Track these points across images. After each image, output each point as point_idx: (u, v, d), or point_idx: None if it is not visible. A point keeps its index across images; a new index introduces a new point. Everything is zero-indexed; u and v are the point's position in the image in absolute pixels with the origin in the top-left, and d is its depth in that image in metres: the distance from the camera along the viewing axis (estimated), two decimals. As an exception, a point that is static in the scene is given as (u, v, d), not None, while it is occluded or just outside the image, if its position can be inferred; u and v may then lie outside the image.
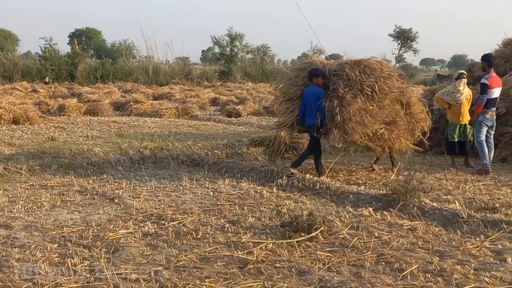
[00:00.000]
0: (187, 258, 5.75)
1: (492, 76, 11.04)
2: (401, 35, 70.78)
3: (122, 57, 49.70)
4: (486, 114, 11.01)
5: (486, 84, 10.89)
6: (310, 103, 10.16)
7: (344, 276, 5.28)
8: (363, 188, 9.21)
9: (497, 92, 10.99)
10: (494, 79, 11.02)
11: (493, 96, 10.91)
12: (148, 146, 12.61)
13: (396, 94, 10.51)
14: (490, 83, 10.88)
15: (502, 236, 6.58)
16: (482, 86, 10.95)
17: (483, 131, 11.11)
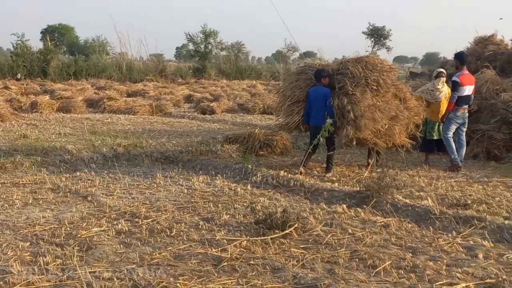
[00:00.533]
0: (161, 256, 5.73)
1: (463, 73, 11.16)
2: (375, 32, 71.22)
3: (95, 53, 49.32)
4: (457, 112, 11.15)
5: (457, 82, 11.02)
6: (316, 103, 10.43)
7: (318, 272, 5.30)
8: (337, 185, 9.28)
9: (469, 90, 11.10)
10: (466, 77, 11.14)
11: (464, 93, 11.03)
12: (122, 144, 12.53)
13: (395, 89, 10.87)
14: (461, 81, 11.01)
15: (473, 232, 6.66)
16: (453, 84, 11.09)
17: (452, 128, 11.28)
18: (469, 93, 11.14)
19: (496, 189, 9.21)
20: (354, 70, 10.41)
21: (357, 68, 10.44)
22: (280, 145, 12.61)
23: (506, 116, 11.82)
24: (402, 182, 9.25)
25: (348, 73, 10.46)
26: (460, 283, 5.02)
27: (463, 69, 11.27)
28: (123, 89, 30.73)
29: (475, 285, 5.02)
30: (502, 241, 6.38)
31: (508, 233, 6.53)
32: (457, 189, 9.16)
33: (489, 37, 16.10)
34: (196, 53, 49.58)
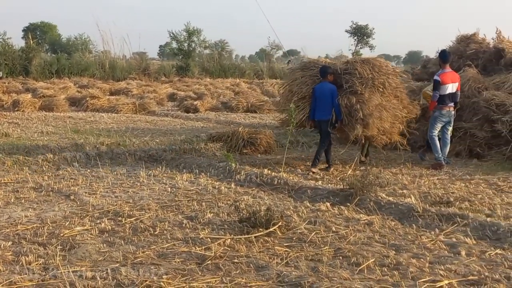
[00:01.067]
0: (144, 255, 5.70)
1: (444, 72, 11.19)
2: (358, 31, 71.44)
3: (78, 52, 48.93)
4: (442, 110, 11.19)
5: (438, 81, 11.08)
6: (323, 99, 10.65)
7: (302, 270, 5.31)
8: (320, 183, 9.30)
9: (452, 88, 11.11)
10: (447, 75, 11.16)
11: (447, 92, 11.07)
12: (105, 142, 12.48)
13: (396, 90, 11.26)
14: (442, 80, 11.05)
15: (456, 230, 6.70)
16: (434, 83, 11.18)
17: (437, 127, 11.30)
18: (452, 90, 11.15)
19: (478, 186, 9.28)
20: (363, 71, 10.75)
21: (365, 69, 10.79)
22: (263, 143, 12.62)
23: (488, 114, 11.88)
24: (385, 180, 9.32)
25: (356, 73, 10.77)
26: (443, 280, 5.04)
27: (445, 67, 11.32)
28: (106, 88, 30.59)
29: (458, 282, 5.05)
30: (484, 238, 6.43)
31: (490, 230, 6.58)
32: (439, 187, 9.21)
33: (471, 36, 16.18)
34: (179, 51, 49.35)
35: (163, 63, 52.55)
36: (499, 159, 11.48)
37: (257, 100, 23.77)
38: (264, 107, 22.96)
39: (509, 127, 11.73)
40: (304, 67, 11.58)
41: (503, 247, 6.09)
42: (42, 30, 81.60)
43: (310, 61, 11.89)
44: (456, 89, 11.25)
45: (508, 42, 15.52)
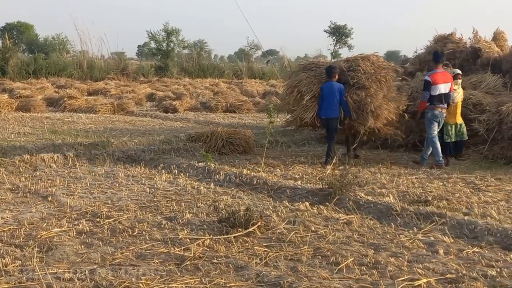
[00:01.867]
0: (123, 256, 5.67)
1: (436, 72, 11.13)
2: (336, 31, 71.63)
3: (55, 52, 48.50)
4: (435, 111, 11.12)
5: (428, 81, 11.03)
6: (331, 98, 11.27)
7: (281, 270, 5.31)
8: (299, 182, 9.30)
9: (444, 88, 11.04)
10: (438, 75, 11.10)
11: (438, 92, 11.02)
12: (83, 143, 12.39)
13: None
14: (432, 80, 11.00)
15: (434, 228, 6.75)
16: (424, 83, 11.17)
17: (434, 127, 11.21)
18: (445, 91, 11.06)
19: (456, 185, 9.35)
20: (365, 67, 11.60)
21: (367, 65, 11.65)
22: (243, 143, 12.61)
23: (465, 113, 11.97)
24: (364, 179, 9.38)
25: (360, 69, 11.60)
26: (421, 279, 5.07)
27: (437, 67, 11.26)
28: (84, 88, 30.40)
29: (436, 280, 5.08)
30: (462, 237, 6.48)
31: (467, 229, 6.63)
32: (418, 186, 9.27)
33: (448, 36, 16.33)
34: (158, 51, 49.14)
35: (141, 63, 52.28)
36: (477, 158, 11.60)
37: (236, 100, 23.75)
38: (243, 107, 22.97)
39: (486, 127, 11.86)
40: (305, 68, 12.05)
41: (480, 245, 6.14)
42: (19, 30, 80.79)
43: (310, 62, 12.47)
44: (449, 90, 11.18)
45: (485, 42, 15.69)
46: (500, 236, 6.38)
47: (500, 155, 11.58)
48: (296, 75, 12.10)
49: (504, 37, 16.70)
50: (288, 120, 12.56)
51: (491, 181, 9.63)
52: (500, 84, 13.39)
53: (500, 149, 11.66)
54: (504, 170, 10.73)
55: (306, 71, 11.98)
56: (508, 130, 11.63)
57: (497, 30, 16.85)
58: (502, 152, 11.61)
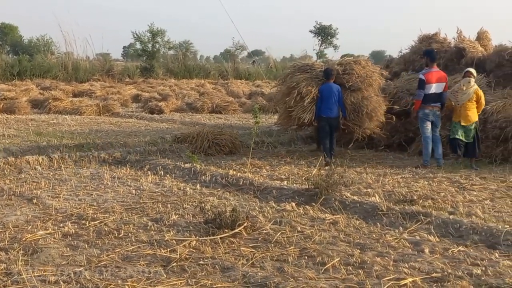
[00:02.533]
0: (108, 258, 5.65)
1: (431, 71, 11.16)
2: (321, 31, 71.77)
3: (40, 53, 48.31)
4: (425, 110, 11.14)
5: (423, 80, 11.04)
6: (331, 98, 11.79)
7: (268, 271, 5.31)
8: (286, 183, 9.31)
9: (436, 88, 11.06)
10: (433, 74, 11.13)
11: (430, 91, 11.02)
12: (68, 145, 12.32)
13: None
14: (427, 78, 11.02)
15: (419, 228, 6.77)
16: (419, 82, 11.16)
17: (426, 126, 11.20)
18: (437, 90, 11.08)
19: (441, 184, 9.39)
20: (359, 70, 12.32)
21: (360, 69, 12.35)
22: (229, 144, 12.62)
23: (450, 113, 12.02)
24: (350, 179, 9.40)
25: (354, 73, 12.28)
26: (407, 278, 5.09)
27: (433, 66, 11.28)
28: (69, 89, 30.28)
29: (422, 279, 5.10)
30: (447, 236, 6.51)
31: (453, 228, 6.66)
32: (403, 185, 9.30)
33: (432, 35, 16.41)
34: (143, 52, 49.05)
35: (127, 64, 52.16)
36: (461, 158, 11.63)
37: (222, 101, 23.73)
38: (229, 107, 22.97)
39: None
40: (300, 70, 12.50)
41: (466, 244, 6.17)
42: (3, 32, 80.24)
43: (304, 64, 12.94)
44: (443, 89, 11.19)
45: (469, 41, 15.78)
46: (485, 234, 6.42)
47: (485, 154, 11.63)
48: (292, 76, 12.42)
49: (488, 37, 16.80)
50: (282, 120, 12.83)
51: (476, 180, 9.68)
52: (484, 83, 13.45)
53: (484, 148, 11.71)
54: (489, 169, 10.80)
55: (302, 72, 12.37)
56: (493, 129, 11.70)
57: (481, 30, 16.95)
58: (487, 151, 11.66)
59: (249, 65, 54.17)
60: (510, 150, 11.37)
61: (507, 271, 5.27)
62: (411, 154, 12.48)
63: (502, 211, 7.59)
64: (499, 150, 11.53)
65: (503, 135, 11.49)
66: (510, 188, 9.06)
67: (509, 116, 11.59)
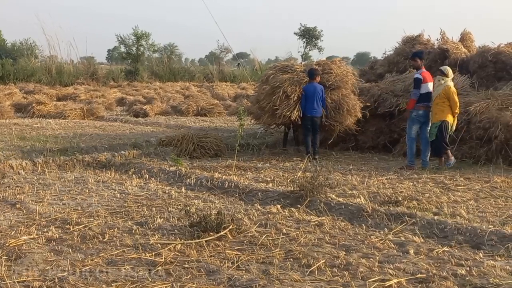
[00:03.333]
0: (93, 263, 5.61)
1: (424, 71, 11.27)
2: (306, 33, 71.81)
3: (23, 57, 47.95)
4: (420, 110, 11.15)
5: (420, 79, 11.05)
6: (315, 98, 12.28)
7: (253, 274, 5.30)
8: (271, 185, 9.30)
9: (430, 87, 11.12)
10: (427, 74, 11.22)
11: (426, 91, 11.06)
12: (52, 149, 12.23)
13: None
14: (424, 77, 11.06)
15: (404, 229, 6.80)
16: (416, 81, 11.11)
17: (414, 128, 11.28)
18: (431, 90, 11.16)
19: (425, 185, 9.43)
20: (336, 70, 12.98)
21: (336, 69, 13.02)
22: (214, 146, 12.60)
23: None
24: (335, 181, 9.42)
25: (332, 72, 12.92)
26: (392, 279, 5.10)
27: (423, 67, 11.38)
28: (53, 93, 30.06)
29: (407, 280, 5.12)
30: (432, 236, 6.54)
31: (437, 228, 6.70)
32: (388, 187, 9.33)
33: (416, 37, 16.52)
34: (128, 55, 48.89)
35: (111, 67, 51.98)
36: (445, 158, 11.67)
37: (207, 104, 23.68)
38: (214, 110, 22.93)
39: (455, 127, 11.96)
40: (281, 70, 12.91)
41: (450, 245, 6.20)
42: (-15, 35, 79.59)
43: (285, 65, 13.38)
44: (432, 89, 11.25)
45: (452, 43, 15.88)
46: (469, 235, 6.46)
47: (469, 155, 11.71)
48: (275, 76, 12.69)
49: (471, 38, 16.92)
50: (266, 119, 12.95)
51: (460, 181, 9.74)
52: (468, 84, 13.55)
53: (468, 149, 11.80)
54: (473, 169, 10.86)
55: (284, 73, 12.75)
56: (476, 130, 11.78)
57: (464, 31, 17.06)
58: (471, 151, 11.75)
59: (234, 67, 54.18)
60: (494, 150, 11.45)
61: (491, 271, 5.30)
62: (396, 155, 12.54)
63: (486, 212, 7.64)
64: (483, 150, 11.61)
65: (487, 135, 11.57)
66: (494, 189, 9.12)
67: (492, 116, 11.68)
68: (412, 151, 11.24)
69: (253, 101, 13.79)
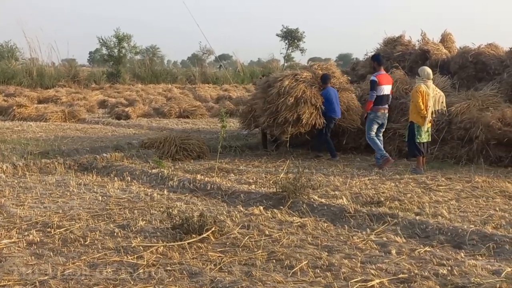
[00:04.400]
0: (74, 266, 5.57)
1: (381, 73, 11.44)
2: (288, 35, 71.81)
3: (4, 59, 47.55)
4: (378, 112, 11.42)
5: (375, 81, 11.31)
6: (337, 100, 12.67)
7: (236, 275, 5.29)
8: (253, 187, 9.29)
9: (387, 90, 11.40)
10: (383, 77, 11.45)
11: (382, 93, 11.28)
12: (33, 152, 12.14)
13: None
14: (379, 80, 11.29)
15: (386, 229, 6.82)
16: (371, 83, 11.40)
17: (373, 128, 11.53)
18: (387, 92, 11.44)
19: (407, 186, 9.48)
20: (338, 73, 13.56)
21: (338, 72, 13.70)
22: (196, 148, 12.56)
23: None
24: (318, 182, 9.42)
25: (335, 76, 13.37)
26: (374, 280, 5.11)
27: (381, 69, 11.56)
28: (34, 96, 29.85)
29: (389, 280, 5.13)
30: (413, 237, 6.57)
31: (419, 229, 6.73)
32: (370, 187, 9.36)
33: (397, 38, 16.60)
34: (109, 57, 48.64)
35: (93, 69, 51.67)
36: (427, 158, 11.75)
37: (189, 106, 23.63)
38: (197, 112, 22.89)
39: (436, 127, 12.06)
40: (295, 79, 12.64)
41: (432, 245, 6.23)
42: (-35, 38, 78.99)
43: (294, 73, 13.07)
44: (389, 92, 11.50)
45: (433, 44, 15.99)
46: (450, 235, 6.50)
47: (450, 155, 11.80)
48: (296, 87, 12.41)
49: (452, 39, 17.05)
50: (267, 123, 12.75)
51: (442, 181, 9.80)
52: (449, 85, 13.66)
53: (450, 149, 11.88)
54: (454, 169, 10.92)
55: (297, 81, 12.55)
56: (457, 130, 11.86)
57: (444, 32, 17.18)
58: (452, 152, 11.83)
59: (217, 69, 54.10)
60: (475, 150, 11.53)
61: (472, 270, 5.33)
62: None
63: (467, 211, 7.69)
64: (464, 150, 11.69)
65: (468, 136, 11.65)
66: (475, 188, 9.18)
67: (473, 117, 11.76)
68: (379, 145, 11.50)
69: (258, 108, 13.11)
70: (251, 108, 13.71)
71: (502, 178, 10.02)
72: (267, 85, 12.93)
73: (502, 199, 8.47)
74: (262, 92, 13.01)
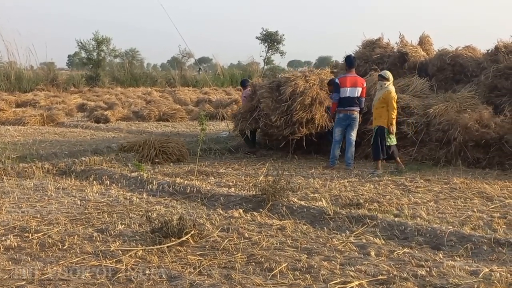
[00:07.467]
0: (52, 271, 5.52)
1: (345, 76, 11.70)
2: (268, 37, 71.81)
3: (-19, 63, 47.17)
4: (340, 114, 11.67)
5: (337, 84, 11.62)
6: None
7: (215, 279, 5.28)
8: (233, 190, 9.27)
9: (350, 92, 11.54)
10: (347, 79, 11.60)
11: (344, 95, 11.50)
12: (11, 156, 12.03)
13: None
14: (340, 82, 11.54)
15: (366, 231, 6.85)
16: (334, 85, 11.79)
17: (337, 130, 11.78)
18: (352, 94, 11.54)
19: (386, 187, 9.52)
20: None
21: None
22: (176, 152, 12.52)
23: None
24: (297, 184, 9.45)
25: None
26: (353, 281, 5.12)
27: (350, 72, 11.69)
28: (12, 99, 29.63)
29: (368, 282, 5.14)
30: (392, 238, 6.60)
31: (398, 230, 6.76)
32: (350, 189, 9.40)
33: (376, 41, 16.63)
34: (88, 61, 48.40)
35: (72, 73, 51.41)
36: (406, 160, 11.83)
37: (169, 109, 23.59)
38: (177, 115, 22.87)
39: (414, 129, 12.14)
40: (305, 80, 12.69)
41: (411, 246, 6.26)
42: None
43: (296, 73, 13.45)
44: (359, 94, 11.56)
45: (411, 46, 16.05)
46: (429, 236, 6.53)
47: (429, 157, 11.88)
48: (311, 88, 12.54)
49: (430, 41, 17.12)
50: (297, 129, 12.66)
51: (420, 182, 9.85)
52: (427, 87, 13.75)
53: (428, 151, 11.96)
54: (433, 171, 10.99)
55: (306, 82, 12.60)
56: (436, 132, 11.94)
57: (423, 35, 17.25)
58: (430, 153, 11.91)
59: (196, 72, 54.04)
60: (453, 152, 11.61)
61: (451, 271, 5.36)
62: (358, 158, 12.60)
63: (445, 212, 7.74)
64: (442, 152, 11.77)
65: (446, 137, 11.73)
66: (453, 190, 9.25)
67: (451, 119, 11.84)
68: (335, 152, 11.74)
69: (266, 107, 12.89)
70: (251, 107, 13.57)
71: (480, 179, 10.11)
72: (276, 84, 12.96)
73: (480, 200, 8.53)
74: (270, 92, 12.96)
